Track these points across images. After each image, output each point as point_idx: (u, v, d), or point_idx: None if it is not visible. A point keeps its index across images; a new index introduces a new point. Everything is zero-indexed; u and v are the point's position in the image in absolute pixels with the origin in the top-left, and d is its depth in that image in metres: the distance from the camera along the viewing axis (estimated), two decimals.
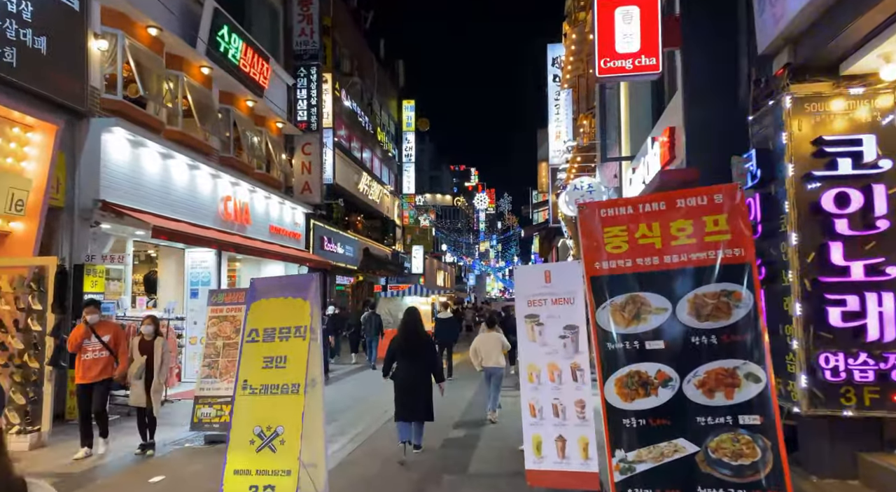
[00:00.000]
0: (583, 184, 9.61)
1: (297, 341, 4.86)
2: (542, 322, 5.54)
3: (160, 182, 11.56)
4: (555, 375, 5.43)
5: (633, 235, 2.89)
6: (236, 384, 4.93)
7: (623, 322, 2.83)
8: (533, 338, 5.56)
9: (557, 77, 21.10)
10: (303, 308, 4.93)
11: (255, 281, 5.23)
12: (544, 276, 5.58)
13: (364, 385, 13.16)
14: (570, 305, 5.47)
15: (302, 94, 18.77)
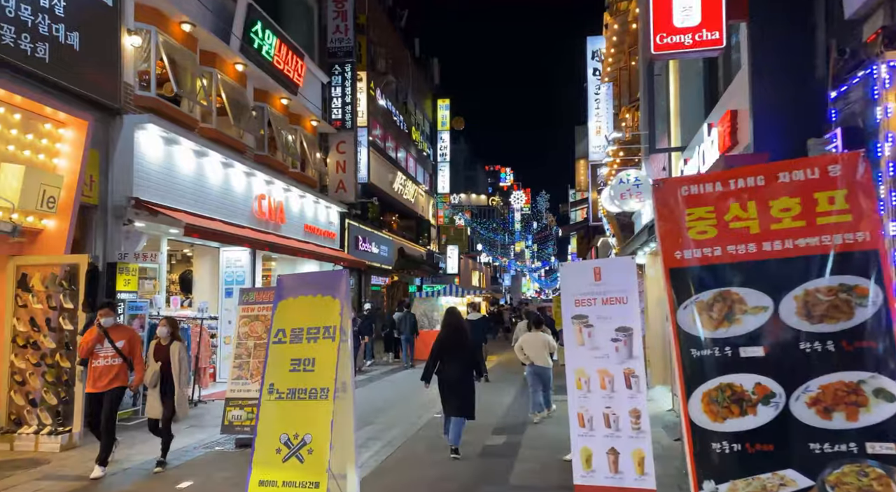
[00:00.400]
0: (629, 177, 9.05)
1: (326, 343, 4.50)
2: (591, 324, 5.07)
3: (194, 180, 11.44)
4: (606, 381, 4.95)
5: (722, 218, 2.40)
6: (262, 388, 4.60)
7: (711, 324, 2.33)
8: (581, 341, 5.09)
9: (597, 71, 20.44)
10: (332, 307, 4.57)
11: (281, 278, 4.90)
12: (594, 273, 5.11)
13: (400, 386, 12.84)
14: (622, 306, 4.98)
15: (336, 92, 18.60)
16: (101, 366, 6.48)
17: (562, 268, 5.29)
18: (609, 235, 15.87)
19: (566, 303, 5.21)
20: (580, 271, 5.24)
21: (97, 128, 9.35)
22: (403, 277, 30.78)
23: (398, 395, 11.73)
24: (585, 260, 37.86)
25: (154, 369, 6.59)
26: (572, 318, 5.15)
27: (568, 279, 5.26)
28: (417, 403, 10.88)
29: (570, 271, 5.32)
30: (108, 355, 6.51)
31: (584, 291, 5.12)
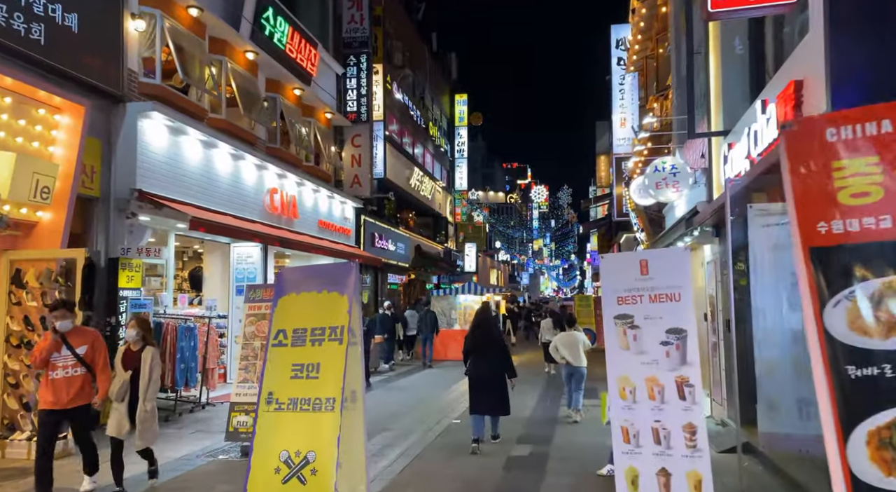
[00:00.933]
0: (665, 164, 8.35)
1: (333, 346, 3.91)
2: (637, 325, 4.41)
3: (201, 172, 10.94)
4: (655, 391, 4.29)
5: (893, 173, 1.71)
6: (259, 397, 4.01)
7: (880, 330, 1.65)
8: (625, 344, 4.43)
9: (622, 60, 19.67)
10: (339, 305, 3.98)
11: (282, 272, 4.32)
12: (640, 266, 4.44)
13: (418, 388, 12.25)
14: (674, 304, 4.31)
15: (351, 84, 18.05)
16: (61, 378, 5.38)
17: (603, 260, 4.64)
18: (637, 230, 15.13)
19: (607, 301, 4.55)
20: (624, 264, 4.58)
21: (99, 116, 8.88)
22: (420, 276, 30.22)
23: (416, 398, 11.13)
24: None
25: (122, 379, 5.47)
26: (615, 318, 4.49)
27: (609, 273, 4.60)
28: (436, 407, 10.27)
29: (612, 264, 4.65)
30: (67, 365, 5.41)
31: (628, 287, 4.46)
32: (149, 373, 5.41)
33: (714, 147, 8.27)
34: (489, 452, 7.33)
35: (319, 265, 3.81)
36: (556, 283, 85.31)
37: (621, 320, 4.47)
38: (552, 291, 79.42)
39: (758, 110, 5.95)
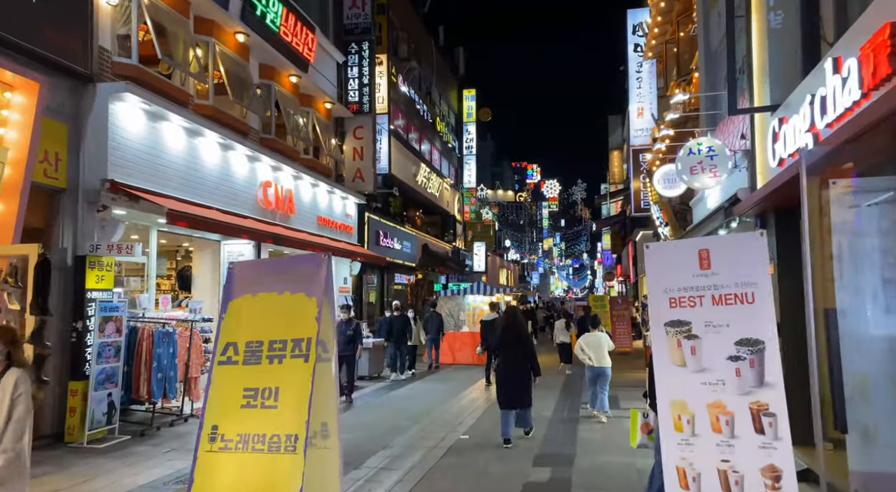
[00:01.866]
0: (700, 146, 7.32)
1: (297, 364, 2.94)
2: (695, 334, 3.40)
3: (186, 163, 10.02)
4: (722, 422, 3.28)
5: None
6: (200, 432, 3.04)
7: None
8: (680, 360, 3.43)
9: (640, 46, 18.62)
10: (306, 310, 3.01)
11: (234, 267, 3.35)
12: (698, 258, 3.43)
13: (423, 396, 11.25)
14: (747, 307, 3.31)
15: (353, 73, 17.11)
16: None
17: (648, 251, 3.62)
18: (660, 225, 14.06)
19: (656, 303, 3.55)
20: (677, 255, 3.57)
21: (65, 97, 7.99)
22: (428, 275, 29.25)
23: (420, 408, 10.15)
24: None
25: None
26: (665, 325, 3.49)
27: (658, 268, 3.59)
28: (442, 419, 9.28)
29: (661, 256, 3.63)
30: None
31: (683, 286, 3.46)
32: (8, 408, 3.57)
33: (758, 125, 7.22)
34: (502, 476, 6.35)
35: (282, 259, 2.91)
36: (567, 283, 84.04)
37: (674, 329, 3.46)
38: (562, 291, 78.18)
39: (827, 72, 4.92)
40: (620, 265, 35.89)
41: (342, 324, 10.42)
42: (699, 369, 3.36)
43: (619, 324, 18.76)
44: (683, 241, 4.65)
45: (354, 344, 10.73)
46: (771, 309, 3.26)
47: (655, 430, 4.72)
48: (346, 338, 10.44)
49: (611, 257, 42.37)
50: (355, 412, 9.87)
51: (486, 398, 11.19)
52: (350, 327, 10.67)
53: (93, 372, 7.59)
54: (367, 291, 21.63)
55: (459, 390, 12.05)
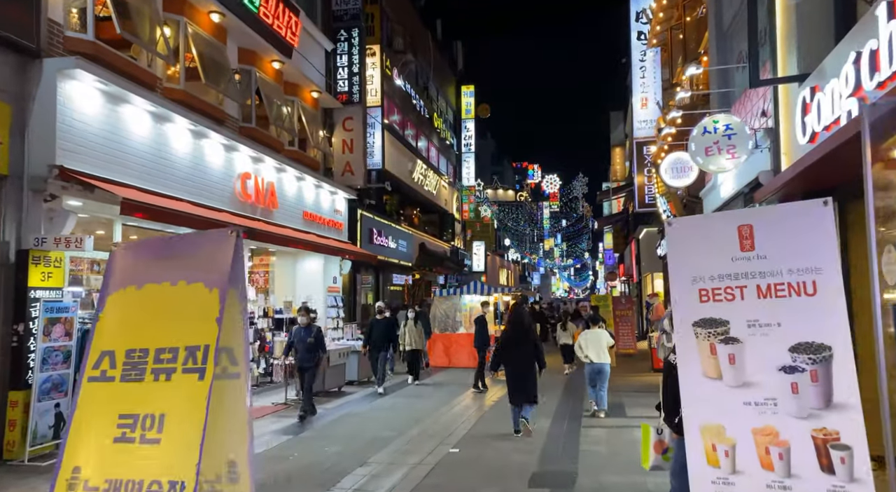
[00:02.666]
0: (716, 124, 6.49)
1: (188, 381, 2.12)
2: (735, 337, 2.57)
3: (151, 150, 9.20)
4: (774, 455, 2.44)
5: None
6: (56, 476, 2.21)
7: None
8: (714, 371, 2.60)
9: (643, 34, 17.80)
10: (205, 307, 2.18)
11: (116, 251, 2.51)
12: (738, 235, 2.60)
13: (411, 404, 10.38)
14: (806, 300, 2.48)
15: (342, 61, 16.30)
16: None
17: (671, 230, 2.78)
18: (667, 219, 13.21)
19: (681, 296, 2.72)
20: (709, 233, 2.73)
21: (7, 74, 7.18)
22: (425, 275, 28.43)
23: (407, 417, 9.31)
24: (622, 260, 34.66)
25: None
26: (695, 325, 2.66)
27: (683, 249, 2.75)
28: (431, 430, 8.45)
29: (688, 233, 2.78)
30: None
31: (718, 273, 2.63)
32: None
33: (782, 100, 6.38)
34: None
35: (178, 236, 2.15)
36: (568, 283, 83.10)
37: (707, 330, 2.63)
38: (564, 291, 77.20)
39: (880, 19, 4.08)
40: (623, 265, 35.04)
41: (301, 330, 9.29)
42: (741, 384, 2.53)
43: (622, 324, 17.93)
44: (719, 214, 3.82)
45: (316, 353, 9.25)
46: (841, 303, 2.42)
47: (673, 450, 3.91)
48: (307, 346, 9.14)
49: (613, 257, 41.52)
50: (333, 423, 9.03)
51: (479, 406, 10.35)
52: (311, 334, 9.23)
53: (36, 380, 6.77)
54: (362, 292, 20.83)
55: (452, 396, 11.21)
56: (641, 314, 22.92)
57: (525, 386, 7.76)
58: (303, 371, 9.19)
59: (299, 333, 9.27)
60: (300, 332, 9.28)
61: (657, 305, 17.17)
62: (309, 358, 9.18)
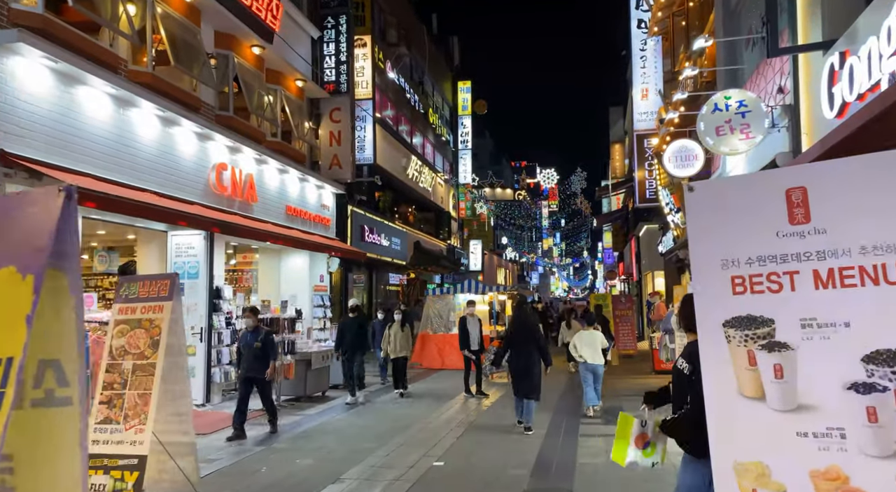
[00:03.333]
0: (728, 101, 5.80)
1: None
2: (783, 341, 1.86)
3: (112, 136, 8.49)
4: None
5: None
6: None
7: None
8: (753, 387, 1.89)
9: (643, 22, 17.12)
10: (13, 300, 1.46)
11: None
12: (786, 201, 1.89)
13: (394, 411, 9.64)
14: (886, 290, 1.77)
15: (329, 49, 15.58)
16: None
17: (692, 195, 2.07)
18: (670, 212, 12.54)
19: (704, 283, 2.01)
20: (744, 200, 2.01)
21: None
22: (421, 275, 27.73)
23: (391, 425, 8.60)
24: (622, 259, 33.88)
25: None
26: (726, 326, 1.95)
27: (708, 222, 2.04)
28: (416, 439, 7.74)
29: (718, 202, 2.07)
30: None
31: (758, 254, 1.93)
32: None
33: (803, 72, 5.67)
34: None
35: None
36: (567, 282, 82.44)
37: (742, 332, 1.92)
38: (563, 291, 76.54)
39: None
40: (623, 263, 34.36)
41: (247, 334, 8.01)
42: (793, 407, 1.83)
43: (622, 324, 17.25)
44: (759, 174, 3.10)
45: (266, 361, 7.86)
46: None
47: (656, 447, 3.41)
48: (254, 353, 7.83)
49: (612, 255, 40.85)
50: (311, 432, 8.32)
51: (470, 411, 9.64)
52: (257, 338, 7.89)
53: None
54: (354, 292, 20.15)
55: (442, 402, 10.49)
56: (642, 314, 22.26)
57: (528, 384, 7.89)
58: (249, 383, 7.90)
59: (245, 337, 8.04)
60: (246, 336, 8.03)
61: (658, 304, 16.49)
62: (257, 367, 7.84)
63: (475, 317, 11.06)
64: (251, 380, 7.91)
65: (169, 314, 4.99)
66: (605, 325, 13.13)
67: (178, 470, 4.99)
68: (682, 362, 3.58)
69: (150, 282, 5.14)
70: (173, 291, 5.05)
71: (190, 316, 10.26)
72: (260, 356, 7.84)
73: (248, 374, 7.91)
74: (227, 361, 10.74)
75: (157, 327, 4.95)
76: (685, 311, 3.61)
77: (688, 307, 3.65)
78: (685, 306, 3.64)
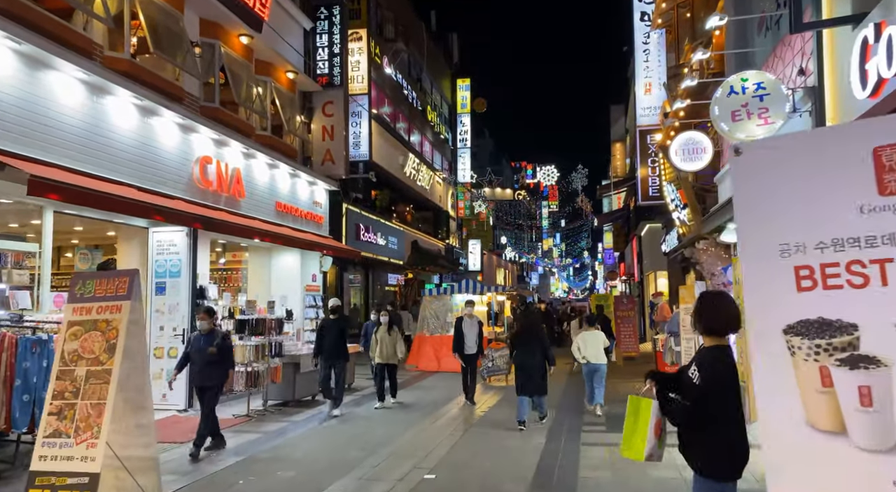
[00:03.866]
0: (745, 83, 5.31)
1: None
2: (872, 357, 1.36)
3: (85, 126, 7.99)
4: None
5: None
6: None
7: None
8: (829, 417, 1.38)
9: (647, 15, 16.64)
10: None
11: None
12: (874, 163, 1.39)
13: (388, 417, 9.10)
14: None
15: (322, 41, 15.08)
16: None
17: (739, 160, 1.58)
18: (676, 208, 12.03)
19: (756, 274, 1.50)
20: (816, 166, 1.51)
21: None
22: (419, 274, 27.24)
23: (381, 433, 8.09)
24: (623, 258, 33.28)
25: None
26: (788, 332, 1.44)
27: (762, 197, 1.54)
28: (406, 449, 7.22)
29: (775, 168, 1.57)
30: None
31: (833, 236, 1.42)
32: None
33: (827, 49, 5.17)
34: None
35: None
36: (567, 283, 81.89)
37: (813, 341, 1.43)
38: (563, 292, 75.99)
39: None
40: (624, 263, 33.85)
41: (200, 338, 7.01)
42: (889, 446, 1.32)
43: (624, 325, 16.76)
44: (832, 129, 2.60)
45: (223, 368, 7.00)
46: None
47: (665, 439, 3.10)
48: (207, 359, 6.85)
49: (613, 256, 40.33)
50: (295, 440, 7.80)
51: (465, 418, 9.13)
52: (212, 342, 6.88)
53: None
54: (350, 292, 19.64)
55: (436, 408, 9.97)
56: (644, 315, 21.76)
57: (532, 380, 8.15)
58: (202, 392, 7.00)
59: (198, 341, 7.02)
60: (199, 340, 7.02)
61: (662, 305, 15.98)
62: (210, 375, 6.91)
63: (474, 318, 10.43)
64: (203, 389, 6.98)
65: (127, 315, 4.49)
66: (606, 325, 12.72)
67: (137, 488, 4.49)
68: (693, 371, 3.12)
69: (108, 279, 4.63)
70: (133, 290, 4.55)
71: (172, 316, 9.78)
72: (214, 363, 6.86)
73: (200, 382, 6.99)
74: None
75: (115, 329, 4.45)
76: (706, 309, 3.15)
77: (709, 305, 3.18)
78: (707, 304, 3.17)
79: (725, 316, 3.16)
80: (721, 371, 3.06)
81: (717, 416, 3.02)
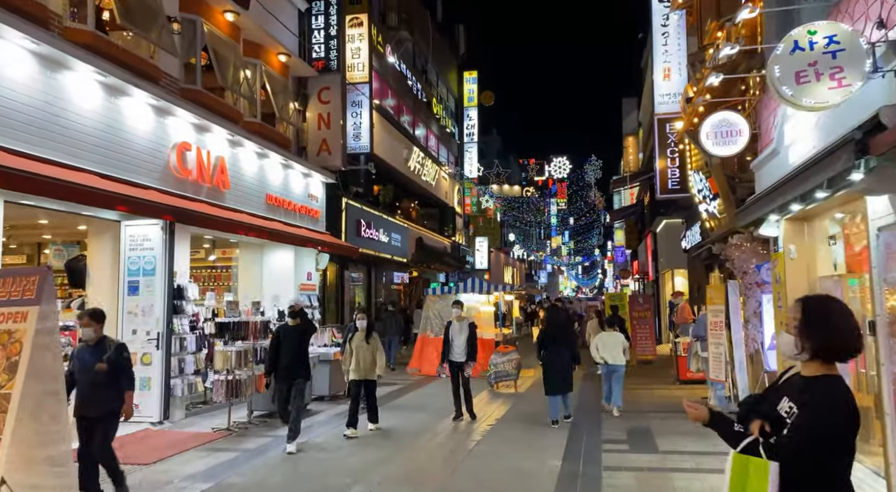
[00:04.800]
0: (813, 37, 4.28)
1: None
2: None
3: (37, 104, 7.05)
4: None
5: None
6: None
7: None
8: None
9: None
10: None
11: None
12: None
13: (383, 432, 8.07)
14: None
15: (318, 23, 14.13)
16: None
17: None
18: (704, 200, 10.95)
19: None
20: None
21: None
22: (424, 273, 26.28)
23: (369, 458, 7.07)
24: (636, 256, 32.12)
25: None
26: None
27: None
28: (398, 474, 6.17)
29: None
30: None
31: None
32: None
33: None
34: None
35: None
36: (576, 282, 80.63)
37: None
38: (572, 290, 74.73)
39: None
40: (637, 261, 32.69)
41: (84, 352, 5.14)
42: None
43: (639, 327, 15.72)
44: None
45: (114, 390, 5.06)
46: None
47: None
48: (93, 379, 5.00)
49: (624, 254, 39.14)
50: (275, 463, 6.82)
51: (469, 434, 8.09)
52: (100, 356, 5.04)
53: None
54: (352, 290, 18.71)
55: (435, 422, 8.86)
56: (659, 316, 20.67)
57: (562, 379, 8.33)
58: (84, 422, 5.07)
59: (81, 356, 5.14)
60: (83, 354, 5.14)
61: (682, 306, 14.88)
62: (97, 400, 5.02)
63: (464, 321, 9.03)
64: (85, 418, 5.06)
65: (34, 324, 3.52)
66: (621, 325, 11.63)
67: None
68: (786, 404, 2.15)
69: (12, 279, 3.67)
70: (43, 292, 3.59)
71: (146, 319, 8.85)
72: (103, 384, 5.01)
73: (83, 410, 5.06)
74: (193, 370, 9.32)
75: (18, 342, 3.49)
76: (817, 321, 2.18)
77: (820, 316, 2.19)
78: (818, 314, 2.19)
79: (846, 331, 2.16)
80: (841, 418, 2.08)
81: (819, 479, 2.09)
